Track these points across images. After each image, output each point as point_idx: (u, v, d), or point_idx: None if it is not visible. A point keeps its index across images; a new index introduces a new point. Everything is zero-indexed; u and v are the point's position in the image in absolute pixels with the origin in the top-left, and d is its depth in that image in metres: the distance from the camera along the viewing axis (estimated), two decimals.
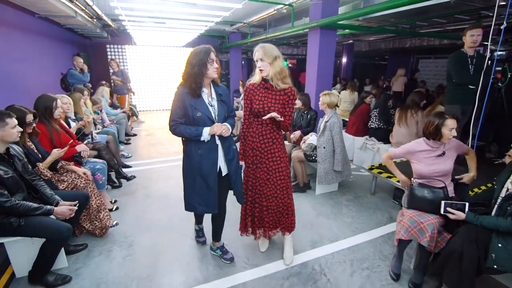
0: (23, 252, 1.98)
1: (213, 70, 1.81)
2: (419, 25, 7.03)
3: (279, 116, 1.89)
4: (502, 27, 2.27)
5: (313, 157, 3.25)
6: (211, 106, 1.90)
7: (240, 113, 5.89)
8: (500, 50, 3.29)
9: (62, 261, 2.15)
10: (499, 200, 1.72)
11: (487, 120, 3.33)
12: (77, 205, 2.06)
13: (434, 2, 3.45)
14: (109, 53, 9.52)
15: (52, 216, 1.92)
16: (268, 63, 1.89)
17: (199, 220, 2.43)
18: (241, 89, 7.33)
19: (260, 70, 1.93)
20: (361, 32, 7.75)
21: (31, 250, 1.97)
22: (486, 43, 7.78)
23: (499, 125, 4.04)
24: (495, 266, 1.57)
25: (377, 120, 4.21)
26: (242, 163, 2.17)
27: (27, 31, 4.96)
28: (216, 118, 1.89)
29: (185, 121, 1.86)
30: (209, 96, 1.90)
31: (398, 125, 3.82)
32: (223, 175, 2.02)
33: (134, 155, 4.83)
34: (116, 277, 2.07)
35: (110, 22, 6.29)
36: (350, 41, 10.80)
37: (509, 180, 1.71)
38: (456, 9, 4.75)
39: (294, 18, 5.36)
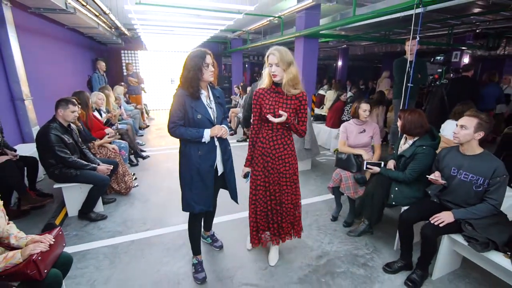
0: (74, 197, 2.88)
1: (208, 74, 1.83)
2: (399, 32, 7.83)
3: (286, 114, 1.83)
4: (417, 39, 3.06)
5: None
6: (210, 108, 1.92)
7: (237, 110, 6.77)
8: (439, 56, 4.04)
9: (100, 208, 3.04)
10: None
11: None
12: (112, 167, 2.96)
13: (389, 17, 4.25)
14: (123, 57, 10.54)
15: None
16: (283, 69, 1.83)
17: (196, 250, 2.16)
18: (236, 90, 8.25)
19: (274, 75, 1.86)
20: (353, 37, 8.48)
21: (79, 196, 2.87)
22: (463, 47, 8.46)
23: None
24: (394, 202, 2.37)
25: (348, 113, 5.03)
26: (249, 169, 2.13)
27: (58, 40, 5.94)
28: (215, 120, 1.93)
29: (184, 123, 1.89)
30: (207, 98, 1.93)
31: None
32: (219, 174, 2.06)
33: (146, 144, 5.75)
34: (137, 217, 2.96)
35: (126, 31, 7.26)
36: (344, 45, 11.59)
37: (399, 145, 2.53)
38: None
39: (283, 28, 6.24)
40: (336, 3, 4.86)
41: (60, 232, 1.60)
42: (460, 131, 1.94)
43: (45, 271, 1.39)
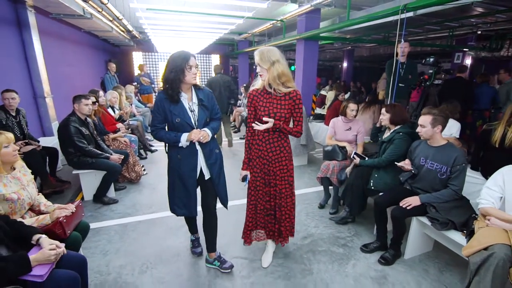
0: (90, 182, 3.24)
1: (191, 77, 1.78)
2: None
3: (273, 120, 1.85)
4: (401, 42, 3.30)
5: None
6: (192, 111, 1.86)
7: (241, 109, 7.08)
8: (429, 58, 4.25)
9: (112, 194, 3.39)
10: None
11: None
12: (123, 157, 3.31)
13: (383, 21, 4.47)
14: (134, 59, 11.02)
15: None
16: (265, 68, 1.82)
17: (192, 230, 2.36)
18: (241, 89, 8.51)
19: (260, 75, 1.88)
20: (357, 39, 8.59)
21: (94, 182, 3.23)
22: (465, 49, 8.57)
23: None
24: (373, 188, 2.62)
25: None
26: (247, 173, 2.09)
27: (75, 42, 6.39)
28: (196, 123, 1.87)
29: (167, 126, 1.87)
30: (189, 100, 1.87)
31: (361, 114, 4.87)
32: (206, 179, 2.01)
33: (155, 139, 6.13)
34: (145, 201, 3.30)
35: (137, 35, 7.69)
36: (349, 47, 11.76)
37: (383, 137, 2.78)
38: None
39: (285, 31, 6.53)
40: (334, 7, 5.10)
41: (80, 204, 1.93)
42: (421, 130, 2.19)
43: (69, 232, 1.72)
